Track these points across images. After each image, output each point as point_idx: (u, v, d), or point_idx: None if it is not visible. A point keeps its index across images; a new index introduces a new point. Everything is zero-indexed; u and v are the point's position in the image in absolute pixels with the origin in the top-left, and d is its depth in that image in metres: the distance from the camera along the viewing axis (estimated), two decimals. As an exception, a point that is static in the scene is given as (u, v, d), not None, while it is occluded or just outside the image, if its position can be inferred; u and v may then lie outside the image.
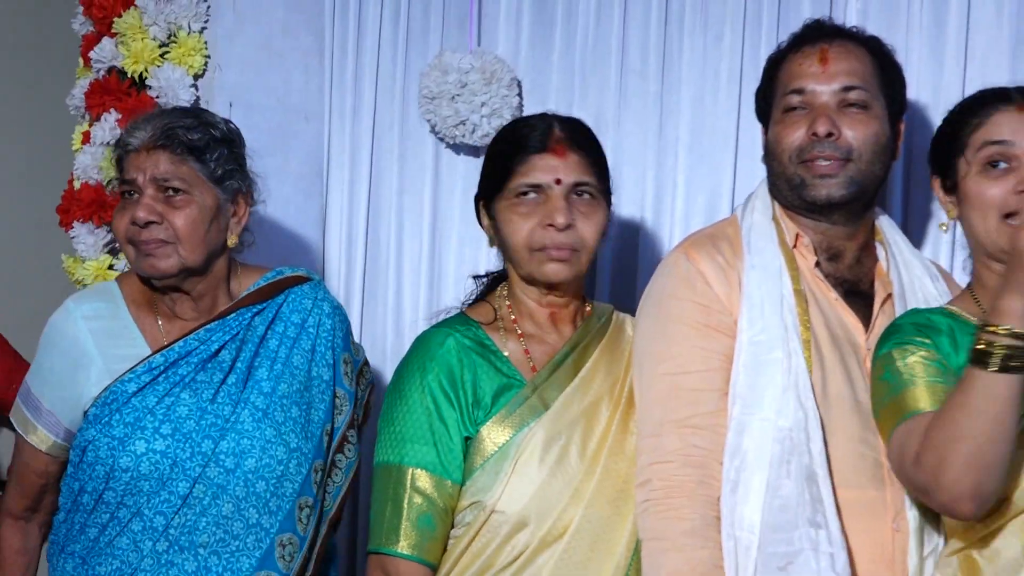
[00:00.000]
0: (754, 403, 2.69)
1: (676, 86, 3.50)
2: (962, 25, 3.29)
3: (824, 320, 2.78)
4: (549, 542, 2.70)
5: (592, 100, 3.57)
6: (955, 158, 2.68)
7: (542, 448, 2.72)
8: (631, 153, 3.53)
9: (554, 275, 2.77)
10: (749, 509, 2.65)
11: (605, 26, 3.56)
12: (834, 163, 2.76)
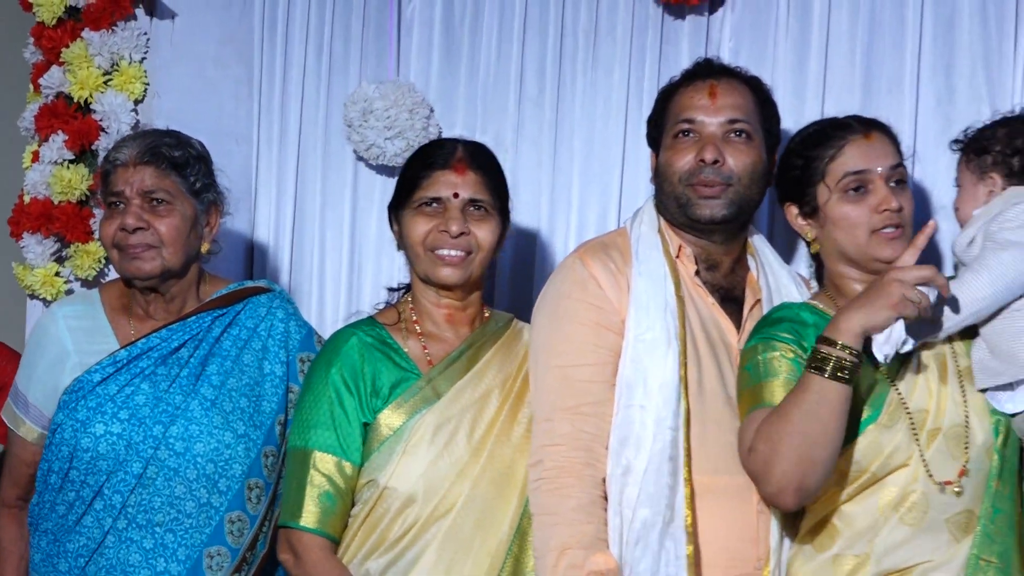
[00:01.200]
0: (638, 395, 2.81)
1: (569, 114, 3.66)
2: (820, 63, 3.47)
3: (701, 322, 2.92)
4: (436, 517, 2.81)
5: (493, 125, 3.72)
6: (812, 187, 2.85)
7: (432, 432, 2.84)
8: (528, 173, 3.68)
9: (447, 278, 2.93)
10: (636, 492, 2.77)
11: (505, 59, 3.71)
12: (717, 187, 2.90)
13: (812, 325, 2.78)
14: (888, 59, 3.44)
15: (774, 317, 2.84)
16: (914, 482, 2.67)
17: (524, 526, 2.86)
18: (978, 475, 2.69)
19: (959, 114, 3.38)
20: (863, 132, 2.84)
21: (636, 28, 3.61)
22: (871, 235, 2.79)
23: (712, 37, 3.57)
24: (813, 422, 2.57)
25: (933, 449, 2.68)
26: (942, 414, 2.71)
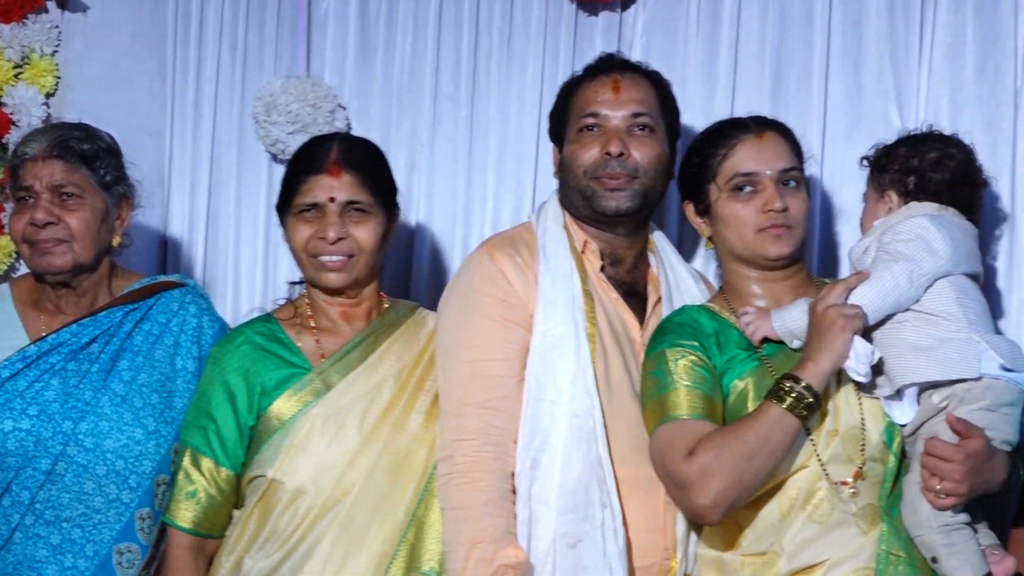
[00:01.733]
0: (547, 389, 2.83)
1: (484, 110, 3.68)
2: (731, 61, 3.51)
3: (607, 317, 2.94)
4: (328, 508, 2.81)
5: (409, 121, 3.74)
6: (705, 185, 2.88)
7: (321, 424, 2.84)
8: (444, 169, 3.71)
9: (331, 283, 2.93)
10: (546, 486, 2.78)
11: (420, 56, 3.72)
12: (623, 179, 2.92)
13: (713, 333, 2.81)
14: (797, 56, 3.48)
15: (676, 321, 2.86)
16: (817, 481, 2.69)
17: (421, 514, 2.87)
18: (874, 476, 2.72)
19: (867, 110, 3.44)
20: (756, 132, 2.86)
21: (550, 25, 3.63)
22: (757, 233, 2.82)
23: (624, 34, 3.59)
24: (764, 449, 2.61)
25: (830, 451, 2.70)
26: (839, 416, 2.73)
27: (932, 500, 2.64)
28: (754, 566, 2.71)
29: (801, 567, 2.67)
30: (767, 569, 2.69)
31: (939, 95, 3.39)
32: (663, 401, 2.73)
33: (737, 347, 2.80)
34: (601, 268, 2.99)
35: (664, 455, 2.70)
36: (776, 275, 2.88)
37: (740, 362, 2.79)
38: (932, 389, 2.71)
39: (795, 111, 3.37)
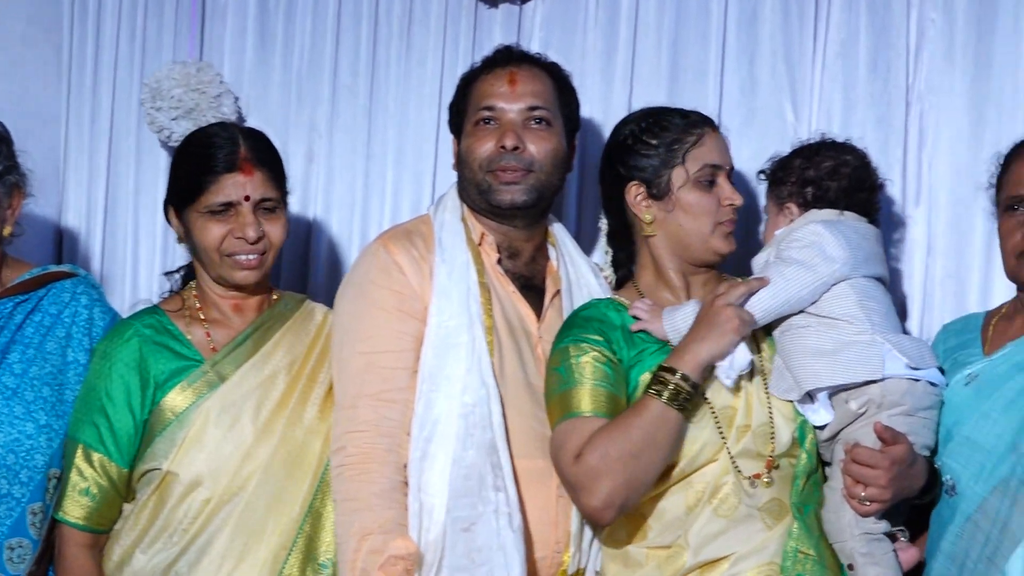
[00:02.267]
0: (441, 381, 2.83)
1: (384, 102, 3.67)
2: (629, 54, 3.52)
3: (503, 310, 2.93)
4: (227, 499, 2.80)
5: (307, 112, 3.71)
6: (669, 169, 2.85)
7: (216, 416, 2.83)
8: (343, 160, 3.69)
9: (244, 280, 2.91)
10: (435, 476, 2.77)
11: (319, 47, 3.70)
12: (518, 173, 2.91)
13: (620, 326, 2.81)
14: (693, 50, 3.50)
15: (583, 316, 2.85)
16: (725, 475, 2.70)
17: (317, 506, 2.87)
18: (785, 471, 2.74)
19: (761, 105, 3.46)
20: (712, 128, 2.90)
21: (449, 17, 3.63)
22: (715, 227, 2.84)
23: (524, 26, 3.59)
24: (650, 445, 2.61)
25: (741, 445, 2.72)
26: (750, 411, 2.75)
27: (856, 507, 2.67)
28: (659, 559, 2.72)
29: (706, 561, 2.68)
30: (672, 563, 2.70)
31: (832, 92, 3.42)
32: (565, 397, 2.73)
33: (645, 341, 2.80)
34: (498, 261, 2.99)
35: (557, 455, 2.71)
36: (700, 271, 2.91)
37: (650, 355, 2.78)
38: (844, 392, 2.73)
39: (691, 105, 3.25)
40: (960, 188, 3.35)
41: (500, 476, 2.77)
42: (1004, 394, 2.74)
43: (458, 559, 2.75)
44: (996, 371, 2.78)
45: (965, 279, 3.36)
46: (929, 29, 3.37)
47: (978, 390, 2.78)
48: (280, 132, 3.63)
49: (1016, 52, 3.32)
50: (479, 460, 2.78)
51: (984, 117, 3.34)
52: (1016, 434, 2.68)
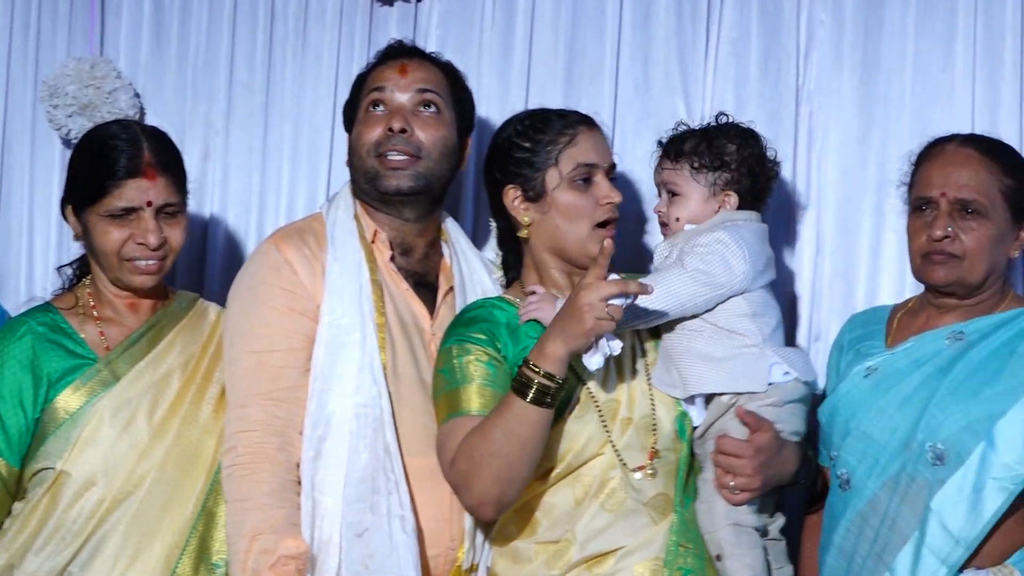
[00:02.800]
0: (333, 379, 2.81)
1: (280, 99, 3.65)
2: (525, 52, 3.53)
3: (395, 307, 2.93)
4: (121, 499, 2.78)
5: (203, 108, 3.68)
6: (542, 171, 2.83)
7: (111, 415, 2.80)
8: (239, 157, 3.66)
9: (143, 285, 2.88)
10: (330, 476, 2.77)
11: (215, 43, 3.67)
12: (406, 158, 2.91)
13: (505, 324, 2.80)
14: (590, 49, 3.51)
15: (468, 316, 2.84)
16: (611, 469, 2.71)
17: (210, 505, 2.86)
18: (668, 462, 2.75)
19: (655, 105, 3.48)
20: (589, 126, 2.87)
21: (345, 15, 3.61)
22: (593, 228, 2.82)
23: (420, 24, 3.59)
24: (513, 443, 2.57)
25: (625, 438, 2.72)
26: (633, 404, 2.75)
27: (727, 497, 2.68)
28: (547, 554, 2.72)
29: (593, 555, 2.69)
30: (559, 557, 2.70)
31: (724, 91, 3.44)
32: (451, 397, 2.72)
33: (529, 336, 2.78)
34: (391, 258, 2.98)
35: (441, 454, 2.70)
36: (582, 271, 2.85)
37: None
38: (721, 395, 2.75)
39: (587, 105, 3.35)
40: (848, 187, 3.39)
41: (392, 478, 2.77)
42: (901, 390, 2.75)
43: (354, 565, 2.75)
44: (895, 366, 2.80)
45: (853, 279, 3.38)
46: (818, 30, 3.40)
47: (876, 384, 2.79)
48: (176, 128, 3.58)
49: (903, 53, 3.36)
50: (372, 462, 2.77)
51: (872, 117, 3.38)
52: (909, 431, 2.69)
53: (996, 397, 2.65)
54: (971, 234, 2.74)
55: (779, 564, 2.78)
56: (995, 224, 2.75)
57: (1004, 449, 2.61)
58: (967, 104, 3.30)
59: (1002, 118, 3.25)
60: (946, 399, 2.68)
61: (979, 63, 3.30)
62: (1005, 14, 3.29)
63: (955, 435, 2.64)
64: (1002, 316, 2.76)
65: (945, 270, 2.77)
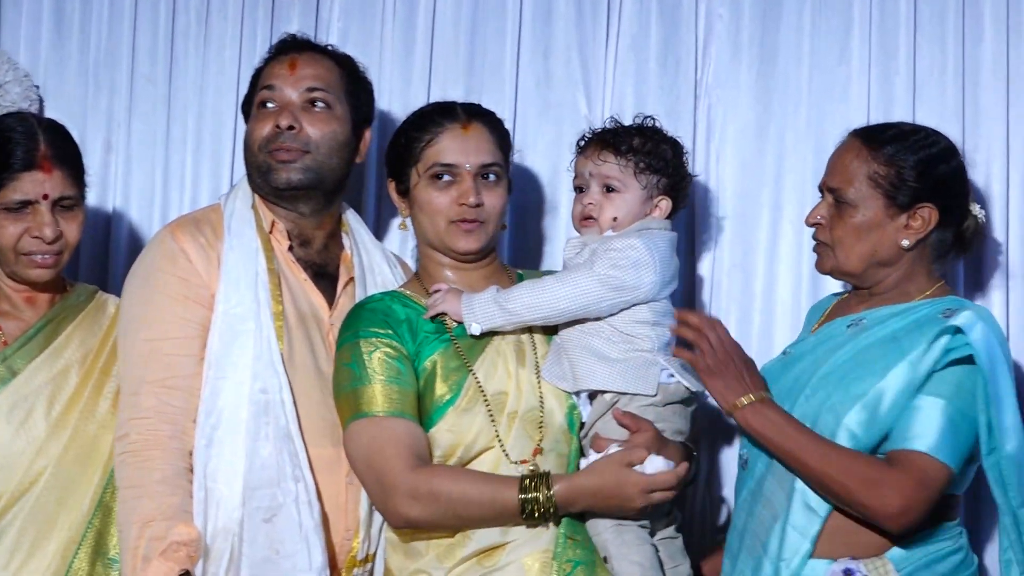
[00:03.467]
0: (227, 368, 2.80)
1: (183, 91, 3.62)
2: (427, 47, 3.52)
3: (293, 297, 2.92)
4: (19, 496, 2.76)
5: (105, 101, 3.64)
6: (408, 167, 2.87)
7: (7, 412, 2.78)
8: (141, 149, 3.63)
9: (39, 279, 2.86)
10: (225, 465, 2.76)
11: (117, 34, 3.63)
12: (294, 153, 2.91)
13: (405, 320, 2.80)
14: (491, 43, 3.51)
15: (368, 308, 2.83)
16: (500, 464, 2.71)
17: (107, 500, 2.83)
18: (558, 457, 2.75)
19: (556, 99, 3.49)
20: (462, 123, 2.85)
21: (247, 7, 3.60)
22: (449, 224, 2.82)
23: (322, 17, 3.57)
24: (478, 519, 2.66)
25: (513, 432, 2.73)
26: (521, 397, 2.75)
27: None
28: (439, 548, 2.71)
29: (484, 548, 2.68)
30: (451, 552, 2.70)
31: (624, 85, 3.45)
32: (358, 395, 2.72)
33: (426, 331, 2.80)
34: (290, 248, 2.97)
35: (373, 456, 2.69)
36: (468, 264, 2.88)
37: (429, 345, 2.78)
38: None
39: (488, 99, 3.35)
40: (746, 180, 3.41)
41: (298, 465, 2.77)
42: (793, 373, 2.76)
43: (260, 550, 2.74)
44: (802, 350, 2.82)
45: (751, 269, 3.40)
46: (717, 24, 3.42)
47: (783, 366, 2.81)
48: (78, 121, 3.55)
49: (799, 47, 3.38)
50: (276, 450, 2.77)
51: (769, 110, 3.40)
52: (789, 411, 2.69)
53: (859, 380, 2.64)
54: (837, 223, 2.74)
55: (675, 562, 2.77)
56: (861, 211, 2.72)
57: (858, 429, 2.60)
58: (863, 97, 3.33)
59: (896, 111, 3.27)
60: (819, 381, 2.69)
61: (874, 57, 3.34)
62: (899, 9, 3.33)
63: (820, 415, 2.65)
64: (901, 306, 2.74)
65: (822, 259, 2.79)
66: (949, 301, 2.72)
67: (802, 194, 3.32)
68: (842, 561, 2.62)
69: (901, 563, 2.62)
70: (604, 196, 2.81)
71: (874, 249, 2.73)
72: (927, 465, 2.54)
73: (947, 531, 2.68)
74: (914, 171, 2.70)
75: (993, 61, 3.29)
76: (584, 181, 2.84)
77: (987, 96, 3.30)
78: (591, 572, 2.68)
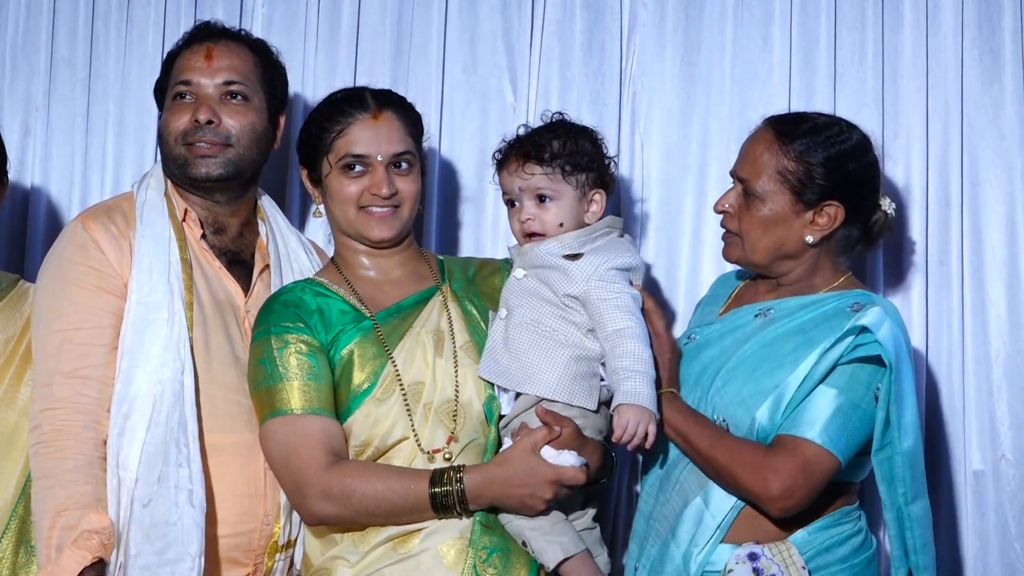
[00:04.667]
0: (140, 357, 2.79)
1: (103, 75, 3.57)
2: (352, 33, 3.50)
3: (208, 285, 2.91)
4: None
5: (23, 85, 3.59)
6: (320, 157, 2.85)
7: None
8: (60, 134, 3.59)
9: None
10: (131, 451, 2.75)
11: (35, 18, 3.58)
12: (214, 146, 2.89)
13: (316, 310, 2.80)
14: (417, 29, 3.50)
15: (281, 301, 2.83)
16: (416, 454, 2.73)
17: (30, 488, 2.80)
18: (473, 446, 2.76)
19: (481, 86, 3.49)
20: (373, 112, 2.83)
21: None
22: (359, 211, 2.82)
23: (246, 4, 3.53)
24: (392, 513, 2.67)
25: (429, 422, 2.74)
26: (436, 387, 2.77)
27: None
28: (353, 536, 2.73)
29: (398, 534, 2.69)
30: (364, 538, 2.71)
31: (550, 72, 3.45)
32: (272, 392, 2.73)
33: (341, 321, 2.80)
34: (203, 236, 2.96)
35: (288, 456, 2.70)
36: (382, 251, 2.89)
37: (346, 334, 2.78)
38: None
39: (415, 85, 3.38)
40: (670, 167, 3.42)
41: (184, 453, 2.76)
42: (701, 360, 2.79)
43: (138, 535, 2.73)
44: (708, 336, 2.84)
45: (675, 255, 3.42)
46: (641, 12, 3.43)
47: (689, 352, 2.83)
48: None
49: (722, 36, 3.40)
50: (166, 436, 2.76)
51: (693, 98, 3.42)
52: (699, 401, 2.73)
53: (768, 374, 2.67)
54: (744, 213, 2.76)
55: (594, 553, 2.77)
56: (768, 205, 2.73)
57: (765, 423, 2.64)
58: (784, 85, 3.35)
59: (817, 99, 3.29)
60: (728, 374, 2.72)
61: (795, 46, 3.36)
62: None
63: (731, 408, 2.69)
64: (810, 298, 2.76)
65: (729, 248, 2.81)
66: (856, 295, 2.74)
67: (725, 181, 3.15)
68: (747, 546, 2.65)
69: (804, 547, 2.65)
70: (540, 208, 2.78)
71: (780, 243, 2.75)
72: (812, 452, 2.59)
73: (847, 515, 2.72)
74: (823, 168, 2.71)
75: (912, 50, 3.32)
76: (515, 196, 2.81)
77: (906, 84, 3.32)
78: (507, 558, 2.69)
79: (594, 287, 2.69)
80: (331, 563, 2.72)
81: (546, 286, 2.74)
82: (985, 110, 3.29)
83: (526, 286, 2.77)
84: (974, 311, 3.28)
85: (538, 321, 2.73)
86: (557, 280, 2.73)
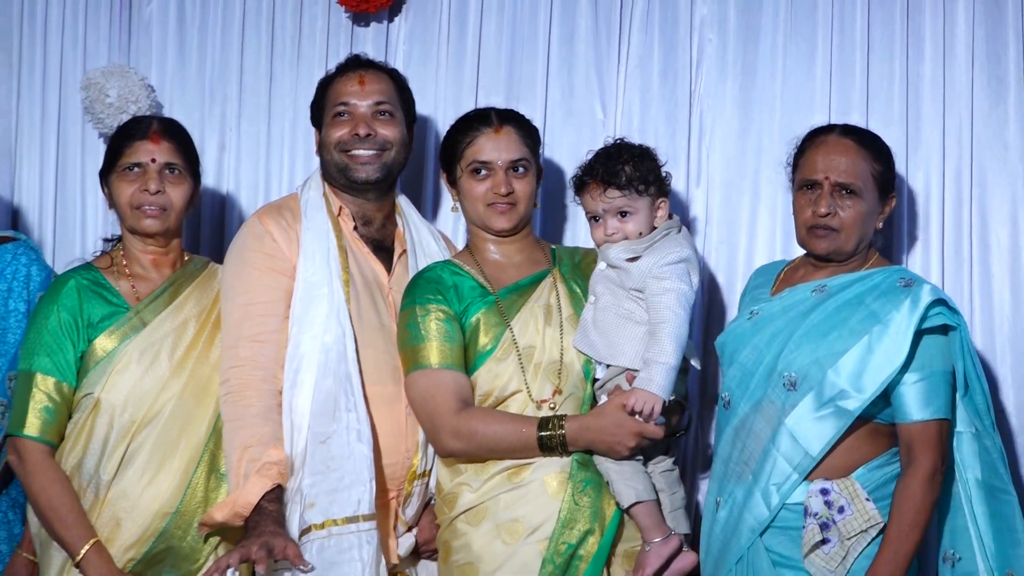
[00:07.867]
0: (306, 324, 2.91)
1: (280, 101, 3.74)
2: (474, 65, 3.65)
3: (359, 267, 3.03)
4: (147, 422, 2.86)
5: (219, 108, 3.71)
6: (454, 163, 2.99)
7: (138, 354, 2.89)
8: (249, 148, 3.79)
9: (148, 228, 2.98)
10: (301, 400, 2.87)
11: (228, 56, 3.71)
12: (373, 154, 3.04)
13: (452, 286, 2.90)
14: (525, 62, 3.59)
15: (425, 278, 2.93)
16: (527, 404, 2.84)
17: (219, 428, 2.93)
18: (573, 398, 2.85)
19: (578, 106, 3.58)
20: (495, 127, 2.95)
21: (331, 32, 3.68)
22: (486, 207, 2.94)
23: (391, 41, 3.66)
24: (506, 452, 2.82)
25: (538, 378, 2.85)
26: (545, 350, 2.86)
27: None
28: (475, 467, 2.85)
29: (512, 467, 2.81)
30: (486, 469, 2.83)
31: (632, 96, 3.54)
32: (416, 351, 2.84)
33: (471, 295, 2.92)
34: (354, 228, 3.06)
35: (426, 400, 2.82)
36: (505, 239, 3.00)
37: (474, 305, 2.91)
38: None
39: (523, 106, 3.43)
40: (730, 173, 3.50)
41: (352, 400, 2.86)
42: (769, 330, 2.83)
43: (316, 465, 2.83)
44: (771, 311, 2.87)
45: (735, 245, 3.51)
46: (707, 47, 3.51)
47: (754, 324, 2.87)
48: (197, 124, 3.66)
49: (774, 66, 3.47)
50: (335, 387, 2.85)
51: (749, 117, 3.49)
52: (772, 363, 2.78)
53: (840, 338, 2.72)
54: (848, 211, 2.80)
55: (672, 490, 2.86)
56: (867, 202, 2.81)
57: (843, 380, 2.71)
58: (824, 107, 3.41)
59: (852, 119, 3.30)
60: (801, 339, 2.76)
61: (834, 75, 3.43)
62: (855, 34, 3.43)
63: (805, 367, 2.73)
64: (859, 274, 2.82)
65: (826, 242, 2.83)
66: (897, 271, 2.82)
67: (775, 185, 3.42)
68: (818, 482, 2.72)
69: (865, 481, 2.73)
70: (621, 222, 2.88)
71: (867, 232, 2.84)
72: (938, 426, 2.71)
73: (895, 455, 2.78)
74: (891, 167, 2.85)
75: (931, 77, 3.39)
76: (599, 214, 2.89)
77: (927, 106, 3.38)
78: (598, 490, 2.79)
79: (648, 283, 2.80)
80: (458, 488, 2.84)
81: (620, 278, 2.87)
82: (992, 127, 3.35)
83: (607, 275, 2.88)
84: (981, 291, 3.37)
85: (618, 304, 2.84)
86: (624, 277, 2.84)
